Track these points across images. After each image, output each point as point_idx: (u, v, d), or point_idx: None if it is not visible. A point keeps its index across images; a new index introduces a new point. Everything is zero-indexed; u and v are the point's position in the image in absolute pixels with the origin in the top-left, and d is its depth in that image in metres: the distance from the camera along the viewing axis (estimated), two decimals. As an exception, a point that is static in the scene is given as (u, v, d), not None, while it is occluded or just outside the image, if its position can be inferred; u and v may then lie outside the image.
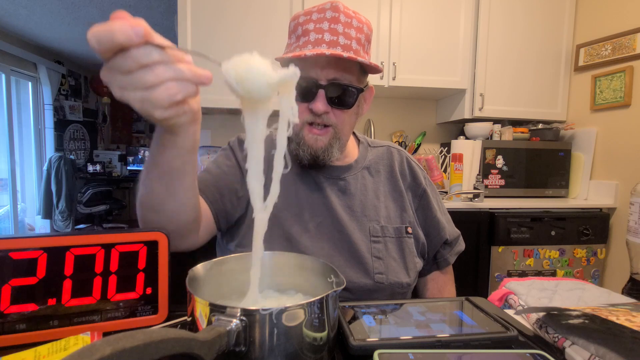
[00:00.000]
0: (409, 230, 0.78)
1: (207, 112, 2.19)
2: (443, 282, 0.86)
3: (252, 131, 0.43)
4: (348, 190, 0.77)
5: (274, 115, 0.43)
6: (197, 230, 0.65)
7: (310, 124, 0.71)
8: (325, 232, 0.74)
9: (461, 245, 0.86)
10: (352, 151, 0.83)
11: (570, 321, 0.46)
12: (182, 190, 0.54)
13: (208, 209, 0.71)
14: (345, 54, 0.65)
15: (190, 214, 0.58)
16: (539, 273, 1.82)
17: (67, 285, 0.46)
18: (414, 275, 0.76)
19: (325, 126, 0.71)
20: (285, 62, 0.72)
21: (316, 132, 0.71)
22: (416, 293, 0.86)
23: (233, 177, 0.75)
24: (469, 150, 1.95)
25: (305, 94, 0.69)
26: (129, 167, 4.70)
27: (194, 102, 0.44)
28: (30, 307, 0.45)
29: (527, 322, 0.54)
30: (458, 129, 2.28)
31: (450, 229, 0.85)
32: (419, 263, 0.78)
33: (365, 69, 0.73)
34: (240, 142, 0.81)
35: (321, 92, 0.69)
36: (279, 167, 0.44)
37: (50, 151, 4.12)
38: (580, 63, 2.08)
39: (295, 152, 0.74)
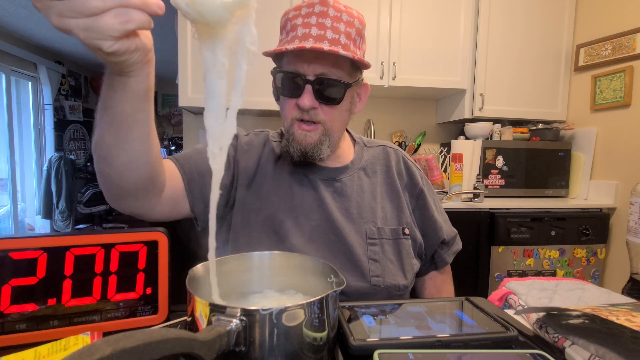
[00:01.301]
0: (406, 231, 0.77)
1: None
2: (441, 281, 0.85)
3: (211, 63, 0.39)
4: (344, 192, 0.77)
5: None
6: (156, 194, 0.62)
7: (300, 120, 0.70)
8: (320, 235, 0.73)
9: (458, 245, 0.86)
10: (348, 152, 0.82)
11: (570, 321, 0.46)
12: (132, 141, 0.50)
13: (180, 179, 0.69)
14: (326, 47, 0.63)
15: (143, 172, 0.54)
16: (539, 273, 1.81)
17: (67, 285, 0.46)
18: (411, 277, 0.75)
19: (315, 123, 0.70)
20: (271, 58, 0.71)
21: (305, 128, 0.70)
22: (414, 293, 0.86)
23: None
24: (469, 150, 1.95)
25: (293, 89, 0.69)
26: (129, 167, 4.69)
27: (146, 38, 0.40)
28: (30, 307, 0.45)
29: (527, 322, 0.54)
30: (458, 129, 2.28)
31: (448, 229, 0.84)
32: (416, 265, 0.78)
33: (358, 65, 0.71)
34: (235, 136, 0.79)
35: (308, 87, 0.67)
36: (235, 101, 0.39)
37: (50, 151, 4.12)
38: (580, 63, 2.08)
39: (286, 148, 0.73)
